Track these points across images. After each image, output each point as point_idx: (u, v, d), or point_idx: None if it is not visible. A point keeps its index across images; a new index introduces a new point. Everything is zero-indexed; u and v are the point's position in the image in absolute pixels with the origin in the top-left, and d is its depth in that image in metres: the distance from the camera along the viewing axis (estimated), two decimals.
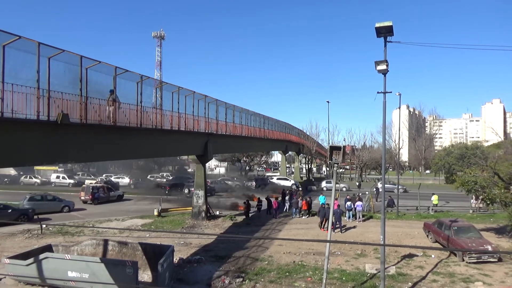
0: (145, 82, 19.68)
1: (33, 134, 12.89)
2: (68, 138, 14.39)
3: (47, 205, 31.04)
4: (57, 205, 31.69)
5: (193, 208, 28.69)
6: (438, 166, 65.94)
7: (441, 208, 33.17)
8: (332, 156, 13.23)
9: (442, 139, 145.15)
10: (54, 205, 31.48)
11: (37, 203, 30.22)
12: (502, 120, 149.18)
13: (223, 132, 30.80)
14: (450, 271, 16.49)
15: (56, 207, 31.39)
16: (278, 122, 52.59)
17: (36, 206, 29.47)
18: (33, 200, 30.38)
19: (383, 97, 14.03)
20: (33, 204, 29.60)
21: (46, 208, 30.57)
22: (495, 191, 20.90)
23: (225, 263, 17.31)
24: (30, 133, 12.67)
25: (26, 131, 12.48)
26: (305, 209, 29.46)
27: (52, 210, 30.77)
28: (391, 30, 13.20)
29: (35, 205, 29.61)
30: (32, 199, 30.43)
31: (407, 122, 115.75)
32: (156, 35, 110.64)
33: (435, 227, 21.26)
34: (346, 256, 18.56)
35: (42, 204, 30.66)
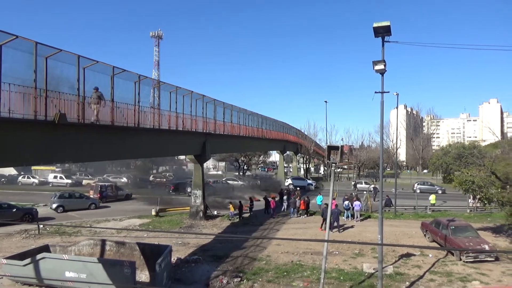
0: (142, 82, 19.66)
1: (31, 134, 12.84)
2: (66, 138, 14.35)
3: (76, 202, 32.92)
4: (84, 203, 33.57)
5: (191, 208, 28.69)
6: (436, 165, 66.01)
7: (438, 207, 33.24)
8: (330, 155, 13.25)
9: (439, 138, 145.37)
10: (82, 203, 33.34)
11: (66, 200, 32.43)
12: (499, 119, 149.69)
13: (221, 132, 30.81)
14: (447, 270, 16.54)
15: (83, 205, 33.24)
16: (276, 122, 52.60)
17: (66, 203, 31.92)
18: (63, 197, 32.50)
19: (381, 97, 14.07)
20: (62, 201, 31.91)
21: (75, 205, 32.48)
22: (492, 190, 20.97)
23: (223, 263, 17.31)
24: (27, 133, 12.63)
25: (24, 131, 12.44)
26: (303, 209, 29.48)
27: (80, 207, 32.53)
28: (389, 30, 13.24)
29: (65, 202, 32.01)
30: (62, 196, 32.58)
31: (404, 122, 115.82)
32: (154, 34, 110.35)
33: (432, 226, 21.32)
34: (344, 256, 18.60)
35: (71, 201, 32.61)
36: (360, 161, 72.07)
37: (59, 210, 31.05)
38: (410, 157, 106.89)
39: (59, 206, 31.20)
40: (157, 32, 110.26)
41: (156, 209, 29.53)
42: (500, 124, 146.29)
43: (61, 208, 31.18)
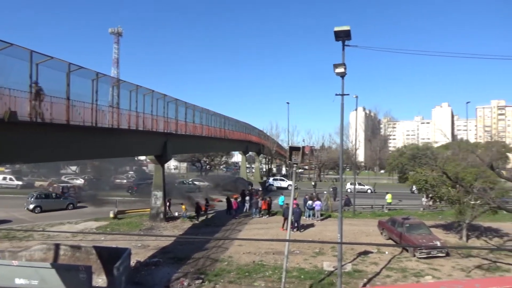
0: (101, 80, 18.99)
1: None
2: (17, 137, 13.58)
3: (53, 202, 32.39)
4: (62, 203, 33.05)
5: (151, 210, 28.04)
6: (392, 166, 68.62)
7: (394, 206, 34.52)
8: (292, 156, 13.43)
9: (395, 140, 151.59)
10: (59, 203, 32.83)
11: (44, 200, 31.76)
12: (450, 122, 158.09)
13: (182, 132, 30.37)
14: (402, 266, 17.24)
15: (61, 205, 32.73)
16: (239, 122, 52.60)
17: (43, 203, 31.32)
18: (40, 198, 31.79)
19: (341, 99, 14.42)
20: (40, 201, 31.24)
21: (52, 205, 31.91)
22: (443, 189, 22.13)
23: (184, 265, 17.07)
24: None
25: None
26: (265, 209, 29.65)
27: (57, 208, 31.97)
28: (349, 34, 13.59)
29: (42, 202, 31.37)
30: (39, 196, 31.86)
31: (363, 123, 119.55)
32: (113, 31, 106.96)
33: (388, 224, 22.15)
34: (304, 255, 18.89)
35: (48, 201, 32.01)
36: (320, 161, 73.52)
37: (36, 210, 30.32)
38: (368, 158, 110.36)
39: (37, 206, 30.57)
40: (116, 29, 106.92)
41: (114, 211, 28.59)
42: (451, 127, 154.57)
43: (39, 208, 30.56)
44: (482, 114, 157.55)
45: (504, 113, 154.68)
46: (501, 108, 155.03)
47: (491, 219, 26.04)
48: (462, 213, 21.26)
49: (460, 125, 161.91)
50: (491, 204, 14.77)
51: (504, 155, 60.25)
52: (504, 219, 27.00)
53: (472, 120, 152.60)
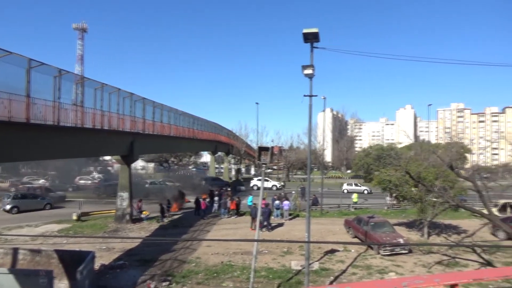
0: (64, 77, 18.33)
1: None
2: None
3: (31, 202, 31.95)
4: (40, 203, 32.64)
5: (116, 211, 27.31)
6: (358, 166, 70.38)
7: (360, 205, 35.40)
8: (261, 156, 13.47)
9: (362, 141, 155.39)
10: (37, 203, 32.45)
11: (21, 200, 31.34)
12: (413, 124, 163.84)
13: (150, 131, 29.81)
14: (367, 263, 17.70)
15: (39, 205, 32.35)
16: (208, 122, 52.24)
17: (20, 204, 30.89)
18: (17, 198, 31.36)
19: (309, 100, 14.60)
20: (17, 202, 30.79)
21: (30, 205, 31.49)
22: (406, 188, 22.91)
23: (151, 267, 16.75)
24: None
25: None
26: (233, 209, 29.61)
27: (35, 208, 31.59)
28: (317, 36, 13.78)
29: (19, 202, 30.93)
30: (16, 197, 31.45)
31: (331, 124, 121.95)
32: (77, 27, 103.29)
33: (354, 223, 22.68)
34: (273, 254, 19.01)
35: (26, 202, 31.57)
36: (289, 161, 74.23)
37: (13, 211, 29.88)
38: (335, 158, 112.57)
39: (14, 207, 30.20)
40: (81, 25, 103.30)
41: (77, 213, 27.61)
42: (413, 128, 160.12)
43: (16, 209, 30.17)
44: (443, 116, 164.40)
45: (463, 116, 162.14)
46: (460, 111, 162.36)
47: (451, 217, 27.27)
48: (423, 211, 22.11)
49: (422, 127, 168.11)
50: (451, 203, 15.42)
51: (463, 155, 63.22)
52: (462, 216, 28.27)
53: (434, 122, 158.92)
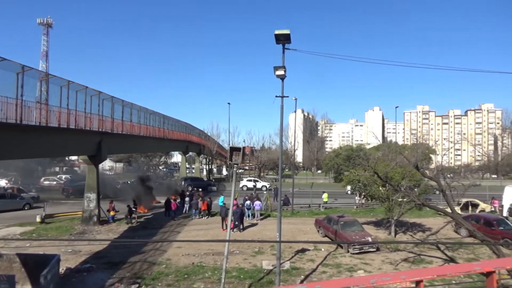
0: (27, 74, 17.60)
1: None
2: None
3: (9, 203, 31.24)
4: (18, 203, 32.02)
5: (83, 213, 26.49)
6: (328, 166, 71.60)
7: (330, 205, 35.91)
8: (232, 157, 13.44)
9: (332, 141, 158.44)
10: (15, 203, 31.80)
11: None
12: (381, 125, 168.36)
13: (119, 131, 29.11)
14: (337, 262, 18.01)
15: (17, 205, 31.69)
16: (179, 122, 51.63)
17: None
18: None
19: (281, 101, 14.73)
20: None
21: (8, 205, 30.74)
22: (374, 188, 23.49)
23: (120, 270, 16.35)
24: None
25: None
26: (204, 210, 29.39)
27: (13, 208, 30.83)
28: (289, 38, 13.93)
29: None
30: None
31: (302, 125, 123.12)
32: (42, 22, 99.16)
33: (324, 222, 23.03)
34: (244, 255, 19.01)
35: (4, 202, 30.77)
36: (260, 162, 74.53)
37: None
38: (306, 159, 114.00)
39: None
40: (46, 20, 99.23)
41: (41, 215, 26.57)
42: (382, 129, 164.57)
43: None
44: (409, 118, 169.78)
45: (428, 118, 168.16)
46: (425, 113, 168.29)
47: (416, 215, 28.22)
48: (390, 210, 22.75)
49: (390, 128, 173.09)
50: (416, 201, 15.90)
51: (428, 156, 65.50)
52: (427, 215, 29.35)
53: (401, 123, 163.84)
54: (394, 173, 22.44)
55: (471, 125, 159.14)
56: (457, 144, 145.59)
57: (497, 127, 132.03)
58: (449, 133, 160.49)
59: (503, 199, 30.42)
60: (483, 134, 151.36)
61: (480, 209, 31.52)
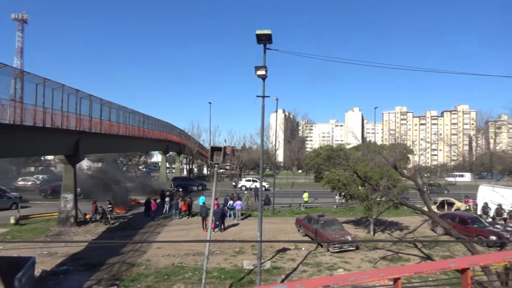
0: (1, 71, 17.08)
1: None
2: None
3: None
4: (5, 202, 31.29)
5: (60, 214, 25.88)
6: (309, 166, 72.10)
7: (311, 204, 36.21)
8: (213, 156, 13.39)
9: (312, 141, 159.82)
10: (2, 202, 31.04)
11: None
12: (360, 125, 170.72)
13: (97, 130, 28.58)
14: (317, 261, 18.17)
15: (4, 204, 30.88)
16: (159, 121, 51.10)
17: None
18: None
19: (262, 101, 14.75)
20: None
21: None
22: (354, 188, 23.81)
23: (98, 271, 16.05)
24: None
25: None
26: (185, 210, 29.17)
27: (1, 207, 29.98)
28: (270, 38, 13.96)
29: None
30: None
31: (283, 125, 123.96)
32: (16, 17, 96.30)
33: (305, 222, 23.20)
34: (225, 255, 18.96)
35: None
36: (241, 161, 74.52)
37: None
38: (287, 158, 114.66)
39: None
40: (20, 15, 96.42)
41: (15, 216, 25.82)
42: (361, 130, 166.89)
43: None
44: (388, 119, 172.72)
45: (406, 118, 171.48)
46: (403, 114, 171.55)
47: (394, 214, 28.74)
48: (369, 209, 23.13)
49: (369, 128, 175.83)
50: (394, 200, 16.23)
51: (406, 156, 66.86)
52: (405, 213, 29.94)
53: (379, 124, 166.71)
54: (373, 172, 22.80)
55: (447, 125, 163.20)
56: (434, 144, 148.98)
57: (472, 128, 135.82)
58: (426, 133, 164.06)
59: (477, 198, 31.37)
60: (458, 134, 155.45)
61: (455, 207, 32.41)
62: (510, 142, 60.20)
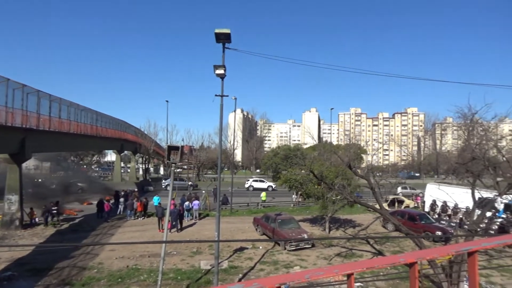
0: None
1: None
2: None
3: None
4: None
5: (3, 216, 24.29)
6: (267, 165, 72.57)
7: (268, 203, 36.60)
8: (170, 156, 13.15)
9: (270, 141, 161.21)
10: None
11: None
12: (317, 126, 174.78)
13: (46, 128, 27.13)
14: (274, 259, 18.38)
15: None
16: (114, 119, 49.39)
17: None
18: None
19: (221, 100, 14.67)
20: None
21: None
22: (310, 187, 24.32)
23: (46, 277, 15.23)
24: None
25: None
26: (140, 211, 28.41)
27: None
28: (229, 37, 13.89)
29: None
30: None
31: (241, 125, 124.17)
32: None
33: (263, 221, 23.39)
34: (182, 255, 18.68)
35: None
36: (200, 161, 73.81)
37: None
38: (245, 158, 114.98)
39: None
40: None
41: None
42: (318, 130, 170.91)
43: None
44: (343, 120, 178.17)
45: (360, 119, 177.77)
46: (358, 115, 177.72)
47: (348, 212, 29.70)
48: (325, 208, 23.73)
49: (325, 129, 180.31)
50: (349, 199, 16.72)
51: (360, 156, 69.20)
52: (358, 211, 31.02)
53: (335, 124, 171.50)
54: (328, 172, 23.36)
55: (398, 127, 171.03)
56: (385, 145, 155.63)
57: (420, 129, 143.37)
58: (378, 134, 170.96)
59: (425, 196, 33.15)
60: (408, 135, 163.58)
61: (405, 205, 34.07)
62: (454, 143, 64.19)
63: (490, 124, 17.06)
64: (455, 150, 47.12)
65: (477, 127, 15.77)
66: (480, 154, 13.39)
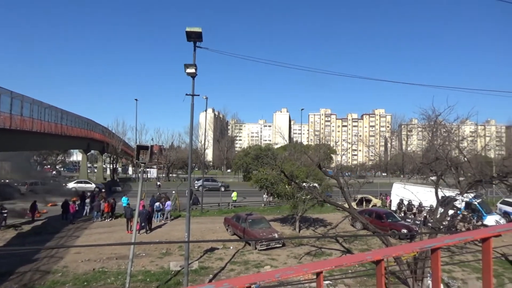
0: None
1: None
2: None
3: None
4: None
5: None
6: (238, 165, 72.72)
7: (239, 203, 36.57)
8: (139, 155, 12.89)
9: (241, 141, 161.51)
10: None
11: None
12: (288, 126, 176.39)
13: (6, 126, 25.94)
14: (245, 259, 18.38)
15: None
16: (80, 118, 47.93)
17: None
18: None
19: (191, 100, 14.54)
20: None
21: None
22: (281, 186, 24.50)
23: (6, 281, 14.55)
24: None
25: None
26: (107, 212, 27.67)
27: None
28: (201, 36, 13.80)
29: None
30: None
31: (212, 124, 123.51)
32: None
33: (233, 221, 23.35)
34: (151, 257, 18.34)
35: None
36: (169, 161, 72.82)
37: None
38: (216, 158, 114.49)
39: None
40: None
41: None
42: (288, 130, 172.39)
43: None
44: (313, 120, 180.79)
45: (330, 120, 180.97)
46: (327, 116, 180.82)
47: (318, 211, 30.10)
48: (295, 207, 23.97)
49: (296, 129, 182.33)
50: (318, 198, 16.95)
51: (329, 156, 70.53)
52: (328, 210, 31.51)
53: (306, 125, 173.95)
54: (299, 172, 23.62)
55: (366, 128, 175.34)
56: (354, 145, 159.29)
57: (387, 130, 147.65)
58: (347, 134, 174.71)
59: (391, 195, 34.12)
60: (376, 136, 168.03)
61: (372, 204, 34.95)
62: (419, 144, 66.52)
63: (453, 126, 17.80)
64: (420, 150, 48.79)
65: (440, 128, 16.42)
66: (443, 155, 13.95)
